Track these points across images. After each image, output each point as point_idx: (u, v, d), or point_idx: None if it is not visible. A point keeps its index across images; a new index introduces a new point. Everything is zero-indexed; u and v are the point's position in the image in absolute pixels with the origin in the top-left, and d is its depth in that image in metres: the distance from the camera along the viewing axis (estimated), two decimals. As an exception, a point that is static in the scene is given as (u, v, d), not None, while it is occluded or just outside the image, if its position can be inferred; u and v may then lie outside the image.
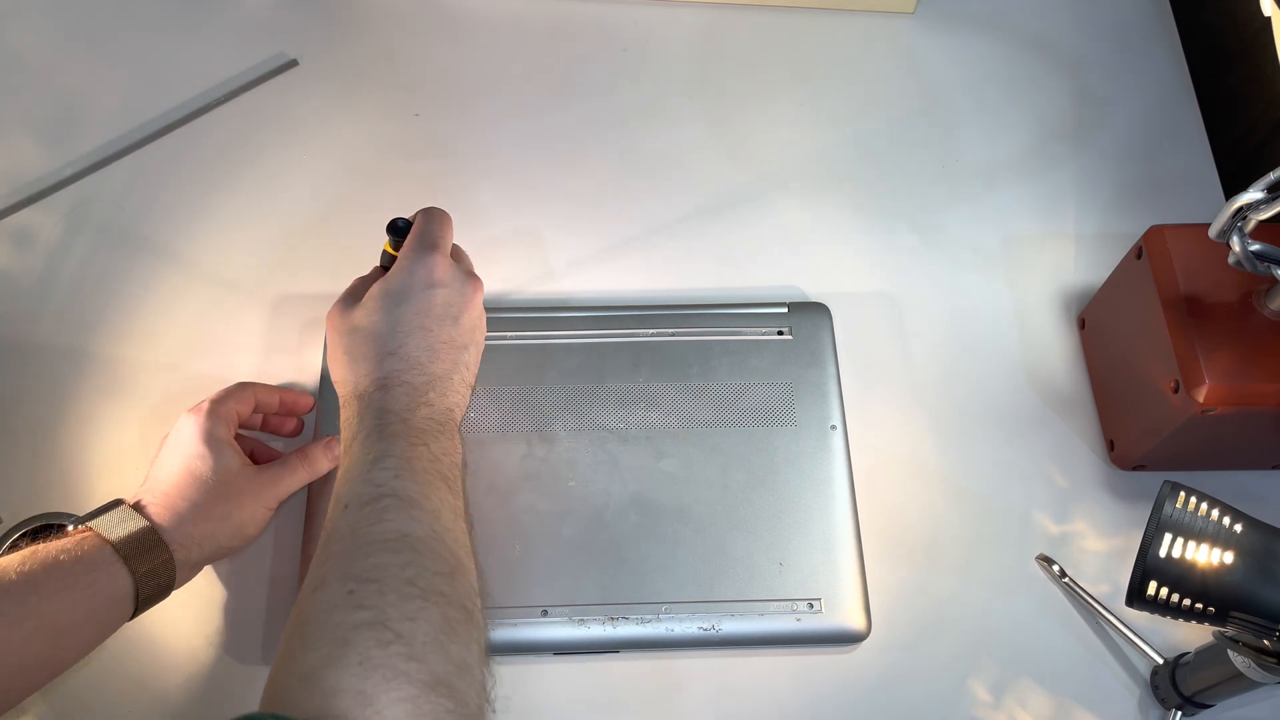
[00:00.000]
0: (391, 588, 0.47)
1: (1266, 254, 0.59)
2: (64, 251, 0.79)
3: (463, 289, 0.62)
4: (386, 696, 0.42)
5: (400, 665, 0.43)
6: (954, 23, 0.92)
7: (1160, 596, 0.53)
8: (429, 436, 0.56)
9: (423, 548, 0.49)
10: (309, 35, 0.89)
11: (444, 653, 0.45)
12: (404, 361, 0.59)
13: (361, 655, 0.43)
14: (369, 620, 0.45)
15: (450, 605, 0.48)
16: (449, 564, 0.50)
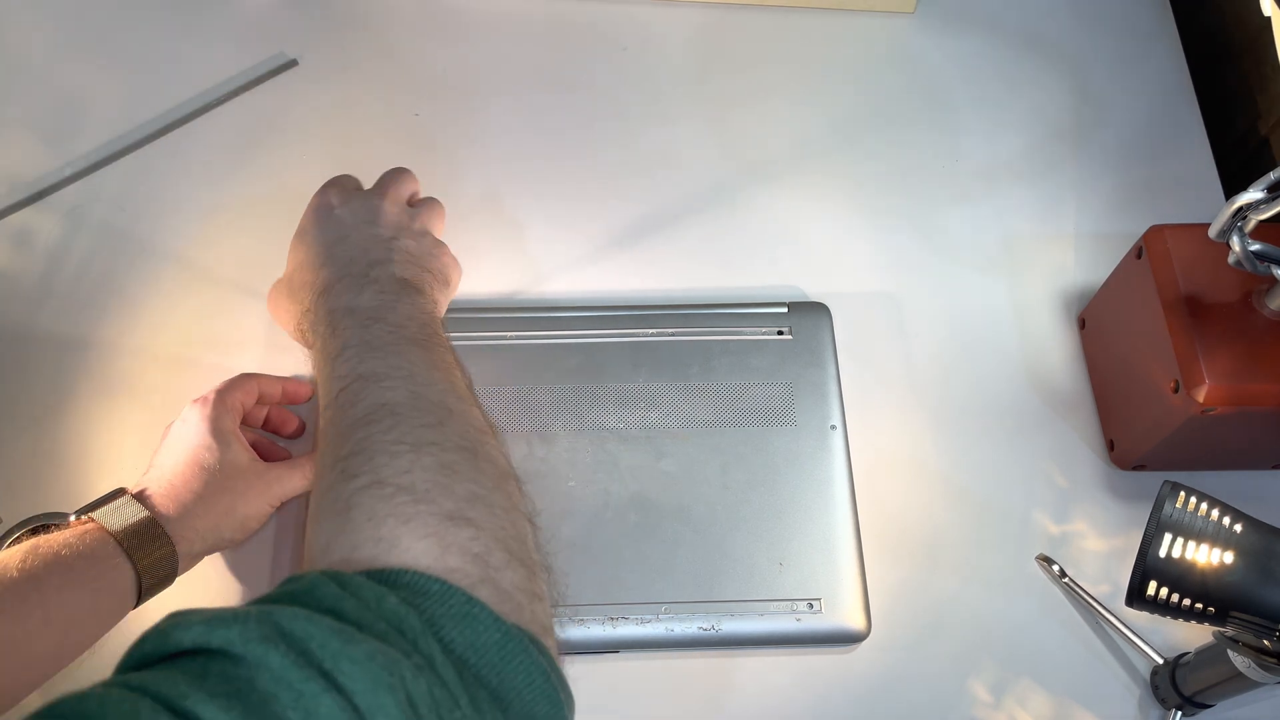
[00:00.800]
0: (379, 450, 0.45)
1: (1266, 254, 0.59)
2: (64, 251, 0.79)
3: (366, 201, 0.62)
4: (407, 537, 0.41)
5: (408, 510, 0.42)
6: (954, 23, 0.92)
7: (1160, 596, 0.53)
8: (383, 311, 0.54)
9: (402, 409, 0.48)
10: (309, 35, 0.89)
11: (449, 492, 0.44)
12: (335, 264, 0.58)
13: (368, 512, 0.42)
14: (364, 484, 0.44)
15: (445, 451, 0.46)
16: (435, 415, 0.48)
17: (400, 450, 0.45)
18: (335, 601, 0.36)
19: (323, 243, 0.60)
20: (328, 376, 0.51)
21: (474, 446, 0.47)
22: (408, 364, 0.51)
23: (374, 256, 0.58)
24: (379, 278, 0.56)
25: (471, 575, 0.41)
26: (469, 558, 0.41)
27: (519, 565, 0.43)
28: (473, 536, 0.42)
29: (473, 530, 0.42)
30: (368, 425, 0.47)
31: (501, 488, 0.46)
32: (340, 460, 0.46)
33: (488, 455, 0.48)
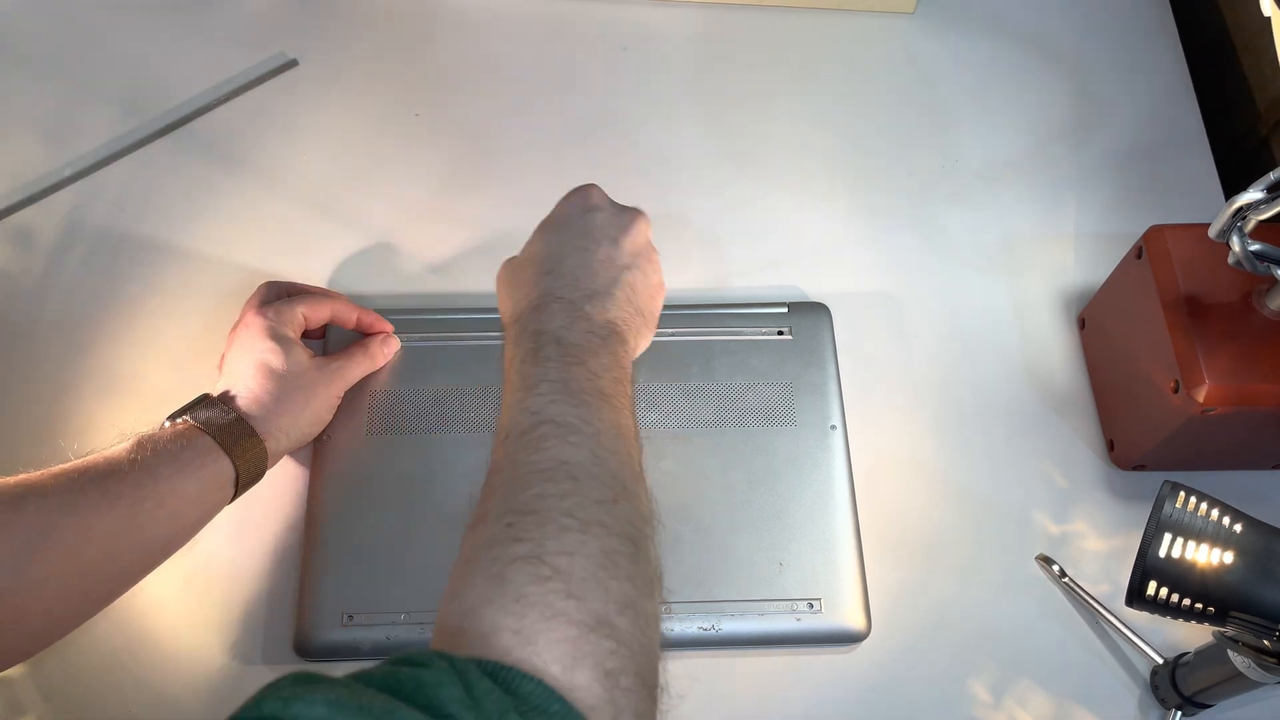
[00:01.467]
0: (550, 519, 0.45)
1: (1266, 254, 0.59)
2: (64, 251, 0.79)
3: (621, 214, 0.62)
4: (545, 637, 0.41)
5: (558, 603, 0.42)
6: (954, 23, 0.92)
7: (1160, 596, 0.53)
8: (587, 353, 0.54)
9: (582, 474, 0.47)
10: (309, 35, 0.89)
11: (603, 589, 0.43)
12: (560, 279, 0.58)
13: (518, 592, 0.42)
14: (526, 554, 0.43)
15: (611, 536, 0.45)
16: (611, 491, 0.48)
17: (569, 525, 0.45)
18: (459, 710, 0.36)
19: (559, 246, 0.60)
20: (519, 404, 0.52)
21: (637, 538, 0.47)
22: (597, 422, 0.51)
23: (599, 284, 0.58)
24: (592, 314, 0.56)
25: (595, 696, 0.40)
26: (599, 675, 0.41)
27: (645, 692, 0.42)
28: (611, 651, 0.41)
29: (613, 644, 0.42)
30: (545, 483, 0.47)
31: (653, 594, 0.46)
32: (510, 513, 0.46)
33: (646, 552, 0.47)
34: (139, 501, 0.57)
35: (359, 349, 0.71)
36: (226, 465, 0.61)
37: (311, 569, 0.66)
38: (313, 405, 0.66)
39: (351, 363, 0.70)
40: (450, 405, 0.71)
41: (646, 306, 0.60)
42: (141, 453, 0.58)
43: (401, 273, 0.79)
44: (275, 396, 0.64)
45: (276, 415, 0.64)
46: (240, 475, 0.61)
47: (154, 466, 0.58)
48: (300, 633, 0.65)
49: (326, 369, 0.68)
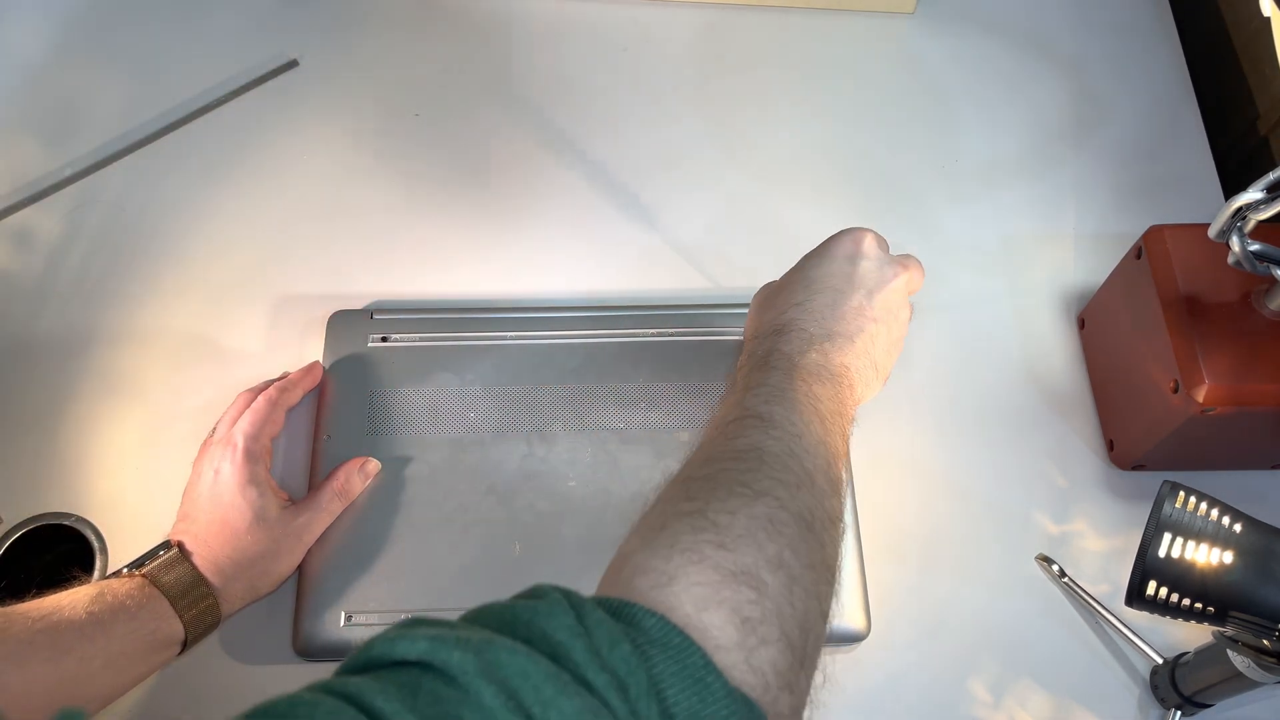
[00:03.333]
0: (723, 484, 0.45)
1: (1266, 254, 0.59)
2: (64, 251, 0.79)
3: (884, 268, 0.61)
4: (684, 579, 0.40)
5: (707, 551, 0.41)
6: (954, 23, 0.92)
7: (1160, 596, 0.53)
8: (813, 378, 0.54)
9: (771, 460, 0.47)
10: (309, 35, 0.89)
11: (758, 546, 0.42)
12: (807, 313, 0.58)
13: (672, 539, 0.42)
14: (690, 510, 0.44)
15: (781, 509, 0.44)
16: (796, 476, 0.47)
17: (741, 491, 0.45)
18: (567, 636, 0.36)
19: (817, 286, 0.60)
20: (735, 401, 0.52)
21: (813, 522, 0.46)
22: (804, 426, 0.50)
23: (842, 328, 0.58)
24: (829, 352, 0.56)
25: (724, 639, 0.39)
26: (735, 619, 0.40)
27: (787, 648, 0.41)
28: (752, 600, 0.40)
29: (754, 594, 0.41)
30: (733, 461, 0.47)
31: (816, 572, 0.44)
32: (690, 481, 0.46)
33: (820, 539, 0.46)
34: (88, 659, 0.55)
35: (330, 493, 0.67)
36: (179, 629, 0.59)
37: (311, 569, 0.66)
38: (273, 570, 0.64)
39: (323, 514, 0.66)
40: (450, 405, 0.71)
41: (882, 361, 0.60)
42: (99, 605, 0.57)
43: (402, 273, 0.79)
44: (237, 562, 0.62)
45: (232, 580, 0.62)
46: (189, 640, 0.60)
47: (109, 624, 0.57)
48: (300, 633, 0.65)
49: (294, 525, 0.65)
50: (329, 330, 0.74)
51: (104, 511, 0.69)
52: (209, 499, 0.64)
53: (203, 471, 0.65)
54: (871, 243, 0.62)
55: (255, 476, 0.64)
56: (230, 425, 0.67)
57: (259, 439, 0.66)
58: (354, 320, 0.74)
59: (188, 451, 0.68)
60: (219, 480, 0.64)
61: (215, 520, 0.63)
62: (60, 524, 0.68)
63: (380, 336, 0.73)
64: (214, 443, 0.67)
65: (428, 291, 0.78)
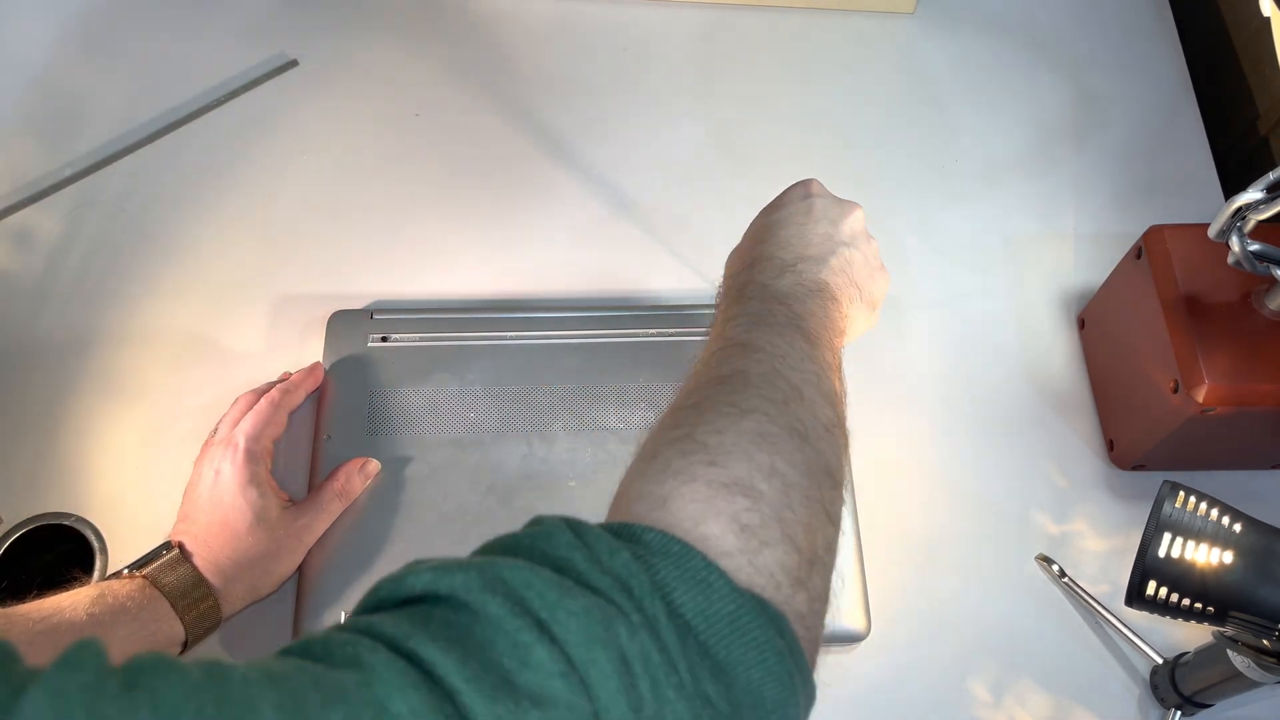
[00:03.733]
0: (709, 408, 0.45)
1: (1266, 254, 0.59)
2: (64, 251, 0.79)
3: (839, 202, 0.61)
4: (678, 498, 0.41)
5: (698, 470, 0.41)
6: (953, 23, 0.92)
7: (1160, 596, 0.53)
8: (791, 299, 0.53)
9: (757, 379, 0.46)
10: (309, 35, 0.89)
11: (749, 458, 0.42)
12: (775, 244, 0.58)
13: (664, 464, 0.42)
14: (679, 435, 0.43)
15: (771, 422, 0.44)
16: (783, 393, 0.46)
17: (727, 411, 0.44)
18: (566, 550, 0.37)
19: (779, 218, 0.60)
20: (715, 336, 0.52)
21: (806, 433, 0.45)
22: (787, 346, 0.50)
23: (813, 251, 0.58)
24: (803, 271, 0.56)
25: (725, 544, 0.39)
26: (733, 527, 0.40)
27: (792, 549, 0.41)
28: (748, 507, 0.40)
29: (750, 501, 0.41)
30: (717, 385, 0.46)
31: (814, 478, 0.44)
32: (678, 410, 0.46)
33: (816, 447, 0.45)
34: None
35: (330, 493, 0.67)
36: (180, 630, 0.59)
37: (311, 569, 0.66)
38: (274, 570, 0.64)
39: (324, 515, 0.66)
40: (450, 405, 0.71)
41: (864, 283, 0.59)
42: (100, 606, 0.57)
43: (402, 273, 0.79)
44: (237, 562, 0.62)
45: (233, 581, 0.62)
46: (189, 640, 0.60)
47: (110, 625, 0.57)
48: (300, 632, 0.65)
49: (294, 526, 0.65)
50: (329, 330, 0.74)
51: (104, 511, 0.69)
52: (209, 500, 0.64)
53: (203, 472, 0.65)
54: (818, 184, 0.62)
55: (256, 477, 0.64)
56: (232, 426, 0.67)
57: (260, 440, 0.66)
58: (354, 320, 0.74)
59: (188, 451, 0.68)
60: (220, 481, 0.64)
61: (216, 521, 0.63)
62: (60, 524, 0.68)
63: (380, 336, 0.73)
64: (215, 443, 0.67)
65: (428, 291, 0.78)
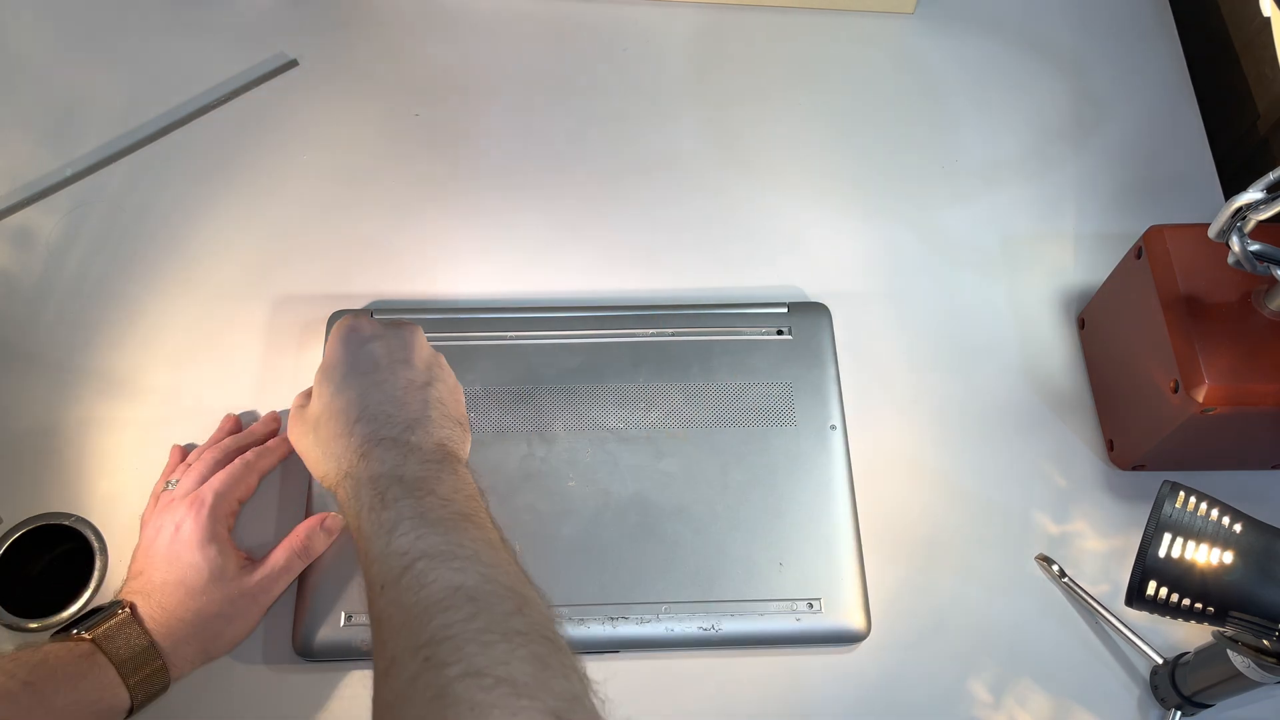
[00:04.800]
0: (468, 639, 0.44)
1: (1266, 254, 0.59)
2: (64, 251, 0.79)
3: (398, 333, 0.60)
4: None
5: (514, 703, 0.41)
6: (954, 23, 0.92)
7: (1160, 596, 0.53)
8: (431, 483, 0.53)
9: (479, 594, 0.46)
10: (309, 35, 0.89)
11: (549, 689, 0.42)
12: (373, 423, 0.56)
13: (470, 701, 0.41)
14: (462, 672, 0.42)
15: (533, 641, 0.45)
16: (514, 601, 0.47)
17: (491, 640, 0.44)
18: None
19: (356, 389, 0.58)
20: (383, 552, 0.50)
21: (554, 638, 0.46)
22: (470, 543, 0.50)
23: (412, 413, 0.57)
24: (421, 444, 0.55)
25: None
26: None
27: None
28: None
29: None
30: (446, 611, 0.45)
31: (588, 689, 0.45)
32: (422, 648, 0.44)
33: (565, 648, 0.46)
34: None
35: (288, 553, 0.64)
36: (124, 697, 0.57)
37: (311, 569, 0.66)
38: (227, 634, 0.62)
39: (283, 575, 0.64)
40: (450, 405, 0.71)
41: (457, 412, 0.60)
42: (39, 674, 0.55)
43: (401, 273, 0.79)
44: (189, 623, 0.60)
45: (186, 642, 0.60)
46: (134, 706, 0.58)
47: (49, 695, 0.54)
48: (300, 633, 0.65)
49: (249, 586, 0.62)
50: (329, 330, 0.74)
51: (103, 512, 0.69)
52: (166, 556, 0.62)
53: (162, 526, 0.63)
54: (365, 322, 0.61)
55: (216, 535, 0.62)
56: (197, 480, 0.65)
57: (227, 499, 0.64)
58: (354, 320, 0.74)
59: (188, 451, 0.68)
60: (179, 536, 0.62)
61: (172, 580, 0.61)
62: (60, 524, 0.68)
63: None
64: (178, 497, 0.64)
65: (428, 291, 0.78)
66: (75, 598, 0.66)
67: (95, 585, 0.67)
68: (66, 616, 0.66)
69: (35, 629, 0.65)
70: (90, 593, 0.67)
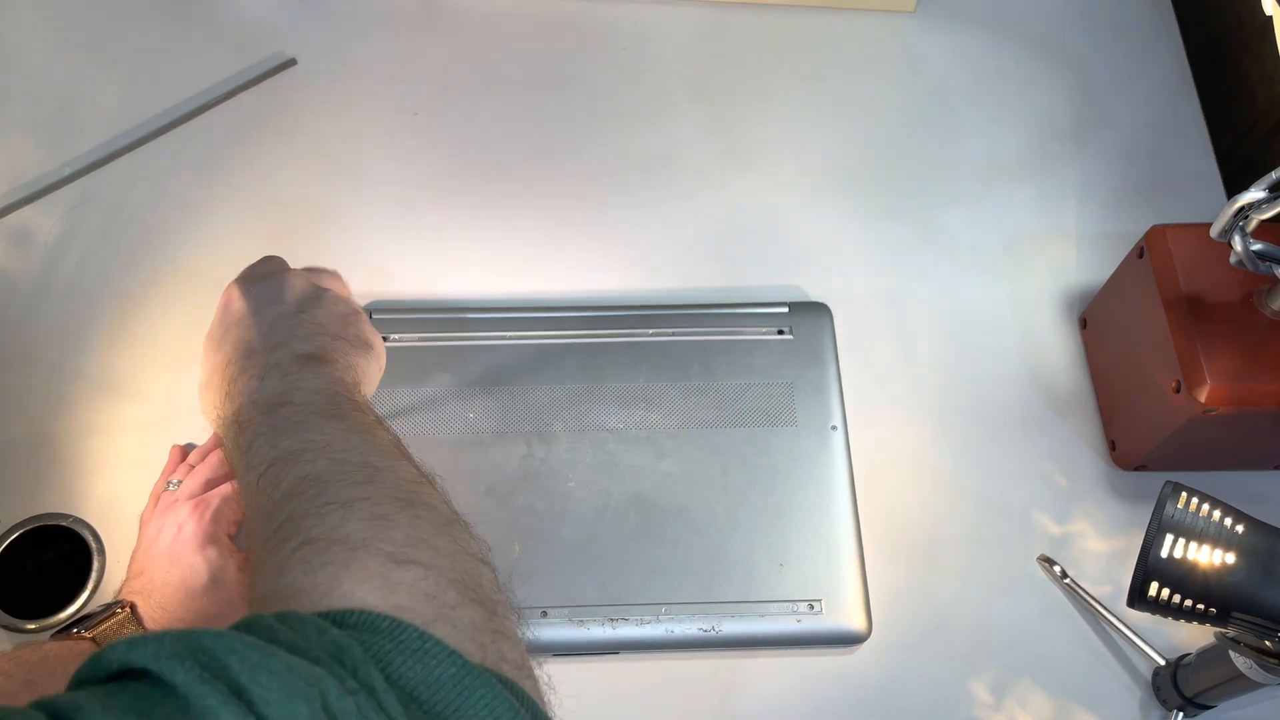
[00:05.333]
0: (306, 513, 0.43)
1: (1268, 253, 0.59)
2: (63, 251, 0.78)
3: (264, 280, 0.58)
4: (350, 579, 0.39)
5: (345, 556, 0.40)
6: (955, 22, 0.92)
7: (1162, 597, 0.53)
8: (288, 394, 0.51)
9: (327, 475, 0.45)
10: (308, 34, 0.89)
11: (387, 538, 0.41)
12: (239, 363, 0.54)
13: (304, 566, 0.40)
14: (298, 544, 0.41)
15: (377, 504, 0.44)
16: (362, 475, 0.45)
17: (329, 510, 0.43)
18: (269, 633, 0.34)
19: (229, 342, 0.56)
20: (243, 473, 0.49)
21: (409, 498, 0.45)
22: (323, 436, 0.48)
23: (275, 339, 0.54)
24: (280, 361, 0.53)
25: (424, 614, 0.39)
26: (419, 596, 0.39)
27: (475, 604, 0.41)
28: (421, 576, 0.40)
29: (419, 570, 0.40)
30: (293, 500, 0.44)
31: (446, 532, 0.44)
32: (269, 537, 0.43)
33: (427, 504, 0.45)
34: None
35: None
36: None
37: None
38: None
39: None
40: (450, 405, 0.71)
41: (344, 331, 0.57)
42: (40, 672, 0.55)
43: (401, 273, 0.79)
44: (189, 625, 0.59)
45: None
46: None
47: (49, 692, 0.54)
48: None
49: None
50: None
51: (102, 512, 0.69)
52: (167, 557, 0.62)
53: (164, 526, 0.63)
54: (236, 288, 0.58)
55: (217, 537, 0.62)
56: (202, 483, 0.65)
57: (233, 504, 0.64)
58: (353, 320, 0.74)
59: (186, 452, 0.68)
60: (180, 537, 0.62)
61: (172, 580, 0.61)
62: (58, 525, 0.68)
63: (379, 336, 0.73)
64: (182, 498, 0.64)
65: (427, 291, 0.78)
66: (73, 598, 0.66)
67: (93, 586, 0.67)
68: (65, 617, 0.66)
69: (33, 629, 0.65)
70: (88, 593, 0.66)
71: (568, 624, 0.65)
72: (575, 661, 0.66)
